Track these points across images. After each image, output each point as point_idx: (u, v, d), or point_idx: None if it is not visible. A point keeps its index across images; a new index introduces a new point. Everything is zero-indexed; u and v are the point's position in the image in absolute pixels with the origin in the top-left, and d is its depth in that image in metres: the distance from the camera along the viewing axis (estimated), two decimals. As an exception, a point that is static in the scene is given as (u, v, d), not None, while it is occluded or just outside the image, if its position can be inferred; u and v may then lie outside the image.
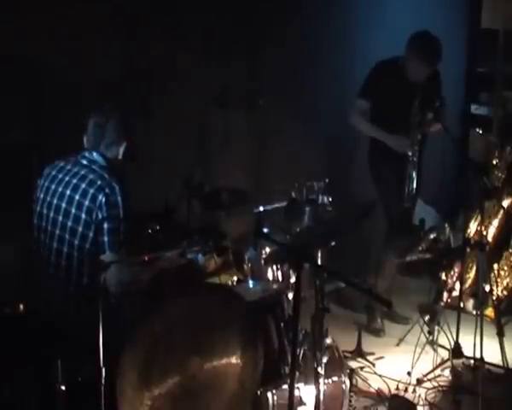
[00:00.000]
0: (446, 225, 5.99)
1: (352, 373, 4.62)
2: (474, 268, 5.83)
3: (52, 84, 4.66)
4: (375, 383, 4.86)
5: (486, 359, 4.69)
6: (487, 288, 5.24)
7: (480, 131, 6.32)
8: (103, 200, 3.80)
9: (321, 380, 3.86)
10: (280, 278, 4.42)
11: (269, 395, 3.90)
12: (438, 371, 4.88)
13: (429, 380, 4.85)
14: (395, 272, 5.75)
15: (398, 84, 5.40)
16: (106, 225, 3.80)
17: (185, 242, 3.98)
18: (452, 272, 5.85)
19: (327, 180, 4.62)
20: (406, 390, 4.75)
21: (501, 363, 4.81)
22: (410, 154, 5.38)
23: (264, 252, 4.41)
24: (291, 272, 4.34)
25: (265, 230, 4.42)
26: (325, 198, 4.58)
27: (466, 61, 7.52)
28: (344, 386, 4.15)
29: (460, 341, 4.90)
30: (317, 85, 6.07)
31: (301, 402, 4.00)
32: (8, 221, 4.46)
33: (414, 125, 5.35)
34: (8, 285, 4.35)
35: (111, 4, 4.83)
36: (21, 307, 3.89)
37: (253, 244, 4.41)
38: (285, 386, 3.88)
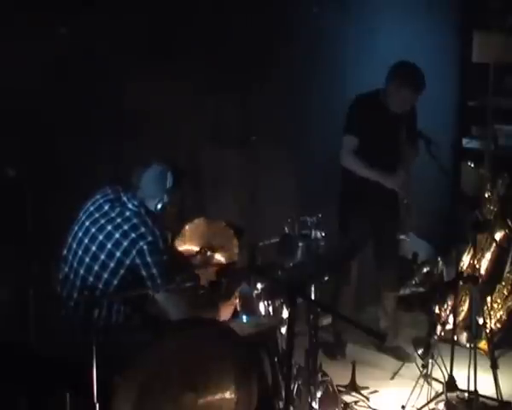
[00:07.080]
0: (439, 259, 6.01)
1: (346, 408, 4.63)
2: (468, 301, 5.85)
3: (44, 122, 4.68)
4: (370, 418, 4.87)
5: (480, 392, 4.72)
6: (481, 321, 5.26)
7: (472, 165, 6.35)
8: (145, 247, 3.90)
9: (315, 415, 3.87)
10: (271, 313, 4.43)
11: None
12: (432, 405, 4.87)
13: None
14: (395, 306, 5.76)
15: (381, 117, 5.38)
16: (154, 270, 3.93)
17: (178, 277, 4.02)
18: (446, 306, 5.88)
19: (320, 215, 4.64)
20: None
21: (495, 396, 4.82)
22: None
23: (256, 287, 4.43)
24: (283, 306, 4.35)
25: (259, 265, 4.44)
26: (318, 233, 4.59)
27: (457, 95, 7.60)
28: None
29: (454, 374, 4.91)
30: (310, 121, 6.10)
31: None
32: (3, 257, 4.47)
33: (403, 158, 5.38)
34: (4, 323, 4.37)
35: (104, 45, 4.86)
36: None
37: (246, 279, 4.43)
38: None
